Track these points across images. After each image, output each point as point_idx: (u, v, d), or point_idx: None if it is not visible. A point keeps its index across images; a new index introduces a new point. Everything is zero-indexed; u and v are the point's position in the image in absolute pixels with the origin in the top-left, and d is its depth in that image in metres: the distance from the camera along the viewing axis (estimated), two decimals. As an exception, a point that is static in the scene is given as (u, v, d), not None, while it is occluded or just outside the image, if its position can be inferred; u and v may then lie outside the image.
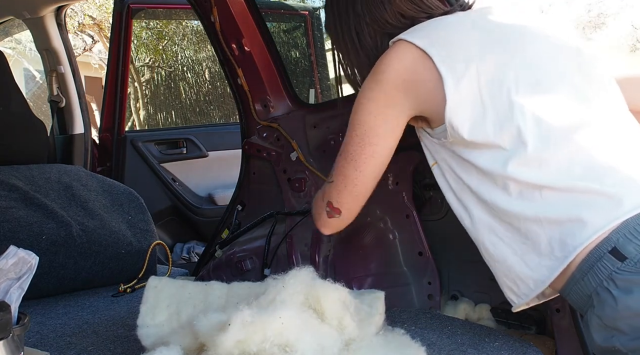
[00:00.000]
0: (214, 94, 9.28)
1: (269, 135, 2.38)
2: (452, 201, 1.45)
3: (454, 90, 1.31)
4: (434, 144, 1.44)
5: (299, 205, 2.25)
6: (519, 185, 1.29)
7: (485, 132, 1.30)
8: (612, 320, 1.20)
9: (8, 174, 2.39)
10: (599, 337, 1.24)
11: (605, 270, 1.20)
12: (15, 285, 1.18)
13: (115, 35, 3.60)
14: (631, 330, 1.18)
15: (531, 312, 1.79)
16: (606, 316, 1.21)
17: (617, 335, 1.20)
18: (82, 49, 10.33)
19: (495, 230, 1.35)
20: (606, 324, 1.21)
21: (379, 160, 1.44)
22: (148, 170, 3.76)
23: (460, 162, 1.37)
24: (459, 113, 1.32)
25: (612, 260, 1.19)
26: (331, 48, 1.72)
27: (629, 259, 1.18)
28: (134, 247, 2.40)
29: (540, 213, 1.27)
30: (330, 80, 5.15)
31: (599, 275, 1.21)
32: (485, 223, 1.37)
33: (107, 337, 1.79)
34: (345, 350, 1.40)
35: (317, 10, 5.15)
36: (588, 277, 1.23)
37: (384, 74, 1.38)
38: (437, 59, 1.33)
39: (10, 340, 1.10)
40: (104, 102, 3.66)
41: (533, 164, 1.28)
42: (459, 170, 1.38)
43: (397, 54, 1.39)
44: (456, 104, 1.32)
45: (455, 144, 1.36)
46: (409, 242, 2.02)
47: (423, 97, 1.37)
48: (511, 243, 1.33)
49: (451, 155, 1.39)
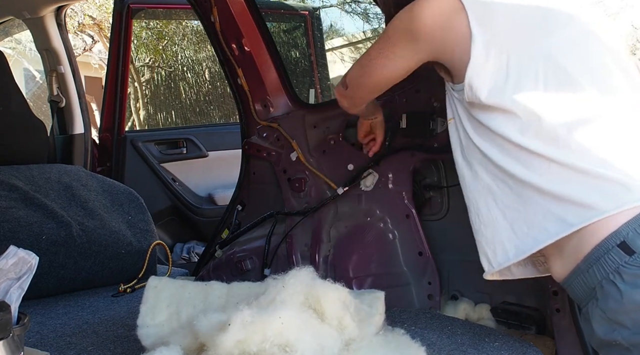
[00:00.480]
0: (214, 94, 9.28)
1: (269, 135, 2.38)
2: (458, 159, 1.47)
3: (481, 50, 1.32)
4: (454, 98, 1.45)
5: (299, 205, 2.25)
6: (530, 155, 1.29)
7: (503, 99, 1.31)
8: (615, 313, 1.20)
9: (8, 174, 2.39)
10: (600, 331, 1.24)
11: (612, 263, 1.19)
12: (15, 285, 1.18)
13: (115, 35, 3.59)
14: (634, 324, 1.18)
15: (531, 312, 1.79)
16: (610, 309, 1.21)
17: (619, 329, 1.20)
18: (82, 49, 10.33)
19: (493, 193, 1.37)
20: (609, 317, 1.21)
21: (387, 74, 1.51)
22: (148, 170, 3.75)
23: (474, 122, 1.39)
24: (481, 75, 1.33)
25: (620, 254, 1.19)
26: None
27: (637, 253, 1.18)
28: (134, 247, 2.40)
29: (546, 185, 1.28)
30: (331, 80, 5.15)
31: (605, 267, 1.20)
32: (486, 184, 1.38)
33: (107, 337, 1.78)
34: (345, 350, 1.41)
35: (317, 10, 5.15)
36: (594, 269, 1.22)
37: (420, 10, 1.39)
38: (472, 17, 1.34)
39: (10, 340, 1.10)
40: (104, 102, 3.66)
41: (547, 138, 1.28)
42: (471, 129, 1.40)
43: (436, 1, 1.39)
44: (480, 65, 1.32)
45: (473, 104, 1.37)
46: (409, 242, 2.02)
47: (447, 48, 1.39)
48: (505, 208, 1.35)
49: (467, 113, 1.41)
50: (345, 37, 12.59)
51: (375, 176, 2.06)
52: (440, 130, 1.91)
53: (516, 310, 1.82)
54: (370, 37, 11.65)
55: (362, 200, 2.10)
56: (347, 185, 2.10)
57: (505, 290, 1.87)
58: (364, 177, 2.08)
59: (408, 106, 1.96)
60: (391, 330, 1.60)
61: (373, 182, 2.07)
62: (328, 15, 8.13)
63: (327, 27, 12.35)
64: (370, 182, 2.08)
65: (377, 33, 11.55)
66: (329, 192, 2.18)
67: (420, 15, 1.39)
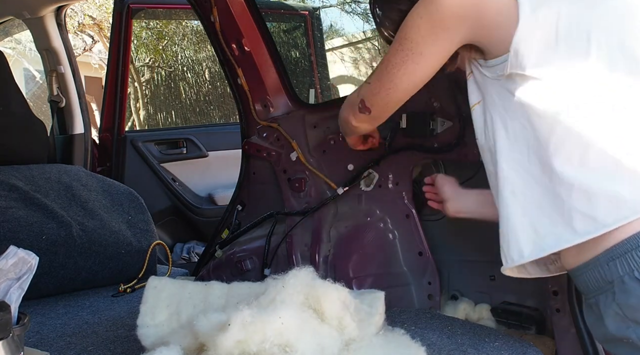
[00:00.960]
0: (214, 94, 9.28)
1: (269, 135, 2.38)
2: (482, 144, 1.38)
3: (530, 14, 1.21)
4: (485, 77, 1.34)
5: (299, 205, 2.25)
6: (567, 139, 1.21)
7: (550, 70, 1.21)
8: (634, 311, 1.16)
9: (8, 174, 2.39)
10: (612, 326, 1.20)
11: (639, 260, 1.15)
12: (15, 285, 1.18)
13: (115, 35, 3.59)
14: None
15: (531, 312, 1.79)
16: (628, 306, 1.16)
17: (635, 327, 1.16)
18: (82, 49, 10.33)
19: (513, 184, 1.29)
20: (626, 314, 1.17)
21: (417, 79, 1.40)
22: (148, 170, 3.75)
23: (510, 101, 1.28)
24: (529, 41, 1.22)
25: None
26: None
27: None
28: (134, 247, 2.40)
29: (575, 178, 1.19)
30: (330, 80, 5.15)
31: (631, 263, 1.15)
32: (505, 175, 1.30)
33: (107, 337, 1.78)
34: (345, 350, 1.41)
35: (317, 10, 5.15)
36: (616, 263, 1.17)
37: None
38: None
39: (10, 340, 1.10)
40: (104, 102, 3.66)
41: (591, 119, 1.19)
42: (504, 110, 1.30)
43: None
44: (529, 30, 1.22)
45: (512, 78, 1.26)
46: (409, 242, 2.02)
47: (485, 24, 1.27)
48: (525, 203, 1.27)
49: (501, 91, 1.30)
50: (345, 37, 12.59)
51: (375, 176, 2.07)
52: (440, 130, 1.91)
53: (516, 310, 1.82)
54: (370, 37, 11.65)
55: (362, 200, 2.10)
56: (347, 185, 2.10)
57: (505, 290, 1.87)
58: (364, 177, 2.08)
59: (408, 106, 1.95)
60: (391, 330, 1.60)
61: (373, 182, 2.07)
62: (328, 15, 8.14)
63: (327, 27, 12.36)
64: (370, 182, 2.08)
65: (377, 33, 11.55)
66: (329, 192, 2.18)
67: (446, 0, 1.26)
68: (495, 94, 1.32)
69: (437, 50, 1.34)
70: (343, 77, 12.07)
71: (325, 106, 2.35)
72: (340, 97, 1.80)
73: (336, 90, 9.25)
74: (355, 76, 12.23)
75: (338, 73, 11.96)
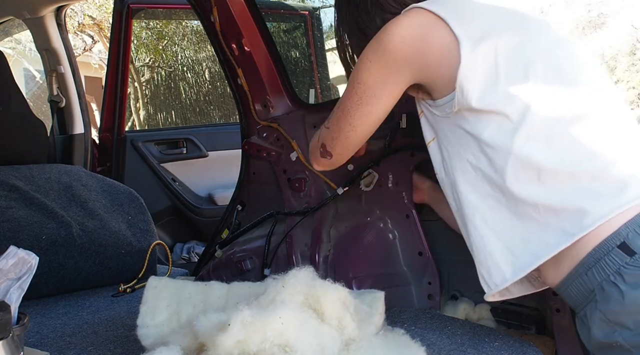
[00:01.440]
0: (214, 94, 9.28)
1: (269, 135, 2.38)
2: (443, 180, 1.44)
3: (470, 52, 1.28)
4: (435, 116, 1.41)
5: (299, 205, 2.25)
6: (520, 165, 1.27)
7: (495, 100, 1.28)
8: (616, 315, 1.19)
9: (8, 174, 2.39)
10: (599, 333, 1.23)
11: (613, 264, 1.19)
12: (15, 285, 1.18)
13: (115, 35, 3.60)
14: (636, 325, 1.17)
15: (531, 312, 1.79)
16: (610, 311, 1.20)
17: (620, 331, 1.19)
18: (82, 49, 10.33)
19: (482, 212, 1.34)
20: (609, 319, 1.20)
21: (373, 120, 1.46)
22: (148, 170, 3.76)
23: (461, 136, 1.34)
24: (471, 77, 1.29)
25: (620, 255, 1.18)
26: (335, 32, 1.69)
27: (638, 254, 1.17)
28: (134, 247, 2.40)
29: (537, 198, 1.26)
30: (330, 80, 5.15)
31: (605, 269, 1.19)
32: (473, 204, 1.35)
33: (107, 337, 1.78)
34: (345, 350, 1.40)
35: (317, 10, 5.15)
36: (593, 271, 1.21)
37: (389, 36, 1.35)
38: (453, 23, 1.30)
39: (10, 340, 1.10)
40: (104, 102, 3.66)
41: (540, 140, 1.25)
42: (458, 144, 1.36)
43: (407, 19, 1.35)
44: (470, 67, 1.29)
45: (460, 114, 1.33)
46: (409, 242, 2.02)
47: (430, 64, 1.34)
48: (497, 227, 1.32)
49: (452, 128, 1.36)
50: (345, 37, 12.56)
51: (375, 176, 2.06)
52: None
53: (516, 310, 1.82)
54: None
55: (362, 200, 2.10)
56: (347, 185, 2.10)
57: (505, 290, 1.87)
58: (364, 177, 2.08)
59: (408, 106, 1.95)
60: (391, 330, 1.60)
61: (373, 182, 2.07)
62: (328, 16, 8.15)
63: (327, 27, 12.34)
64: (370, 182, 2.08)
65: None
66: (329, 192, 2.18)
67: (393, 39, 1.34)
68: (448, 130, 1.38)
69: (388, 91, 1.40)
70: (343, 77, 12.04)
71: (326, 106, 2.35)
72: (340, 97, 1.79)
73: (336, 90, 9.26)
74: (355, 76, 12.20)
75: (338, 73, 11.94)
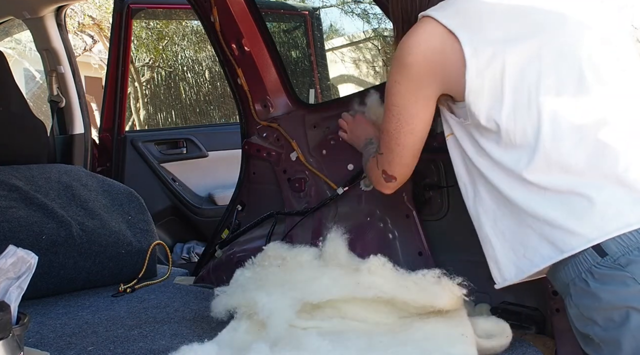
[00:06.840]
0: (214, 94, 9.27)
1: (269, 135, 2.38)
2: (462, 176, 1.48)
3: (475, 77, 1.33)
4: (453, 120, 1.46)
5: (299, 205, 2.25)
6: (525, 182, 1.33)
7: (499, 123, 1.33)
8: (588, 310, 1.27)
9: (8, 174, 2.39)
10: (578, 323, 1.32)
11: (585, 263, 1.26)
12: (14, 284, 1.18)
13: (115, 35, 3.59)
14: (604, 322, 1.24)
15: (531, 312, 1.79)
16: (582, 305, 1.28)
17: (591, 325, 1.27)
18: (82, 49, 10.33)
19: (494, 213, 1.40)
20: (582, 313, 1.28)
21: (419, 135, 1.51)
22: (148, 170, 3.75)
23: (474, 145, 1.41)
24: (477, 101, 1.34)
25: (593, 255, 1.25)
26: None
27: (609, 255, 1.24)
28: (134, 247, 2.40)
29: (537, 210, 1.31)
30: (330, 80, 5.15)
31: (579, 267, 1.27)
32: (488, 205, 1.41)
33: (107, 337, 1.78)
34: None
35: (317, 10, 5.15)
36: (569, 267, 1.29)
37: (410, 56, 1.40)
38: (464, 42, 1.33)
39: (10, 340, 1.10)
40: (104, 102, 3.66)
41: (541, 164, 1.31)
42: (472, 151, 1.42)
43: (424, 35, 1.39)
44: (476, 91, 1.34)
45: (473, 126, 1.39)
46: (409, 242, 2.02)
47: (449, 78, 1.38)
48: (505, 229, 1.39)
49: (467, 136, 1.42)
50: (346, 37, 12.59)
51: (375, 176, 2.06)
52: (440, 130, 1.90)
53: (516, 310, 1.82)
54: (371, 36, 11.65)
55: (362, 200, 2.10)
56: (347, 185, 2.10)
57: (505, 290, 1.85)
58: (364, 177, 2.08)
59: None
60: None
61: (373, 182, 2.07)
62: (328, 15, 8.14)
63: (327, 27, 12.36)
64: (370, 182, 2.07)
65: (377, 33, 11.55)
66: (329, 192, 2.18)
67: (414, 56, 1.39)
68: (464, 135, 1.44)
69: (422, 106, 1.46)
70: (343, 77, 12.07)
71: (325, 106, 2.35)
72: (340, 97, 1.79)
73: (336, 90, 9.25)
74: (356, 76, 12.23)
75: (338, 73, 11.96)
